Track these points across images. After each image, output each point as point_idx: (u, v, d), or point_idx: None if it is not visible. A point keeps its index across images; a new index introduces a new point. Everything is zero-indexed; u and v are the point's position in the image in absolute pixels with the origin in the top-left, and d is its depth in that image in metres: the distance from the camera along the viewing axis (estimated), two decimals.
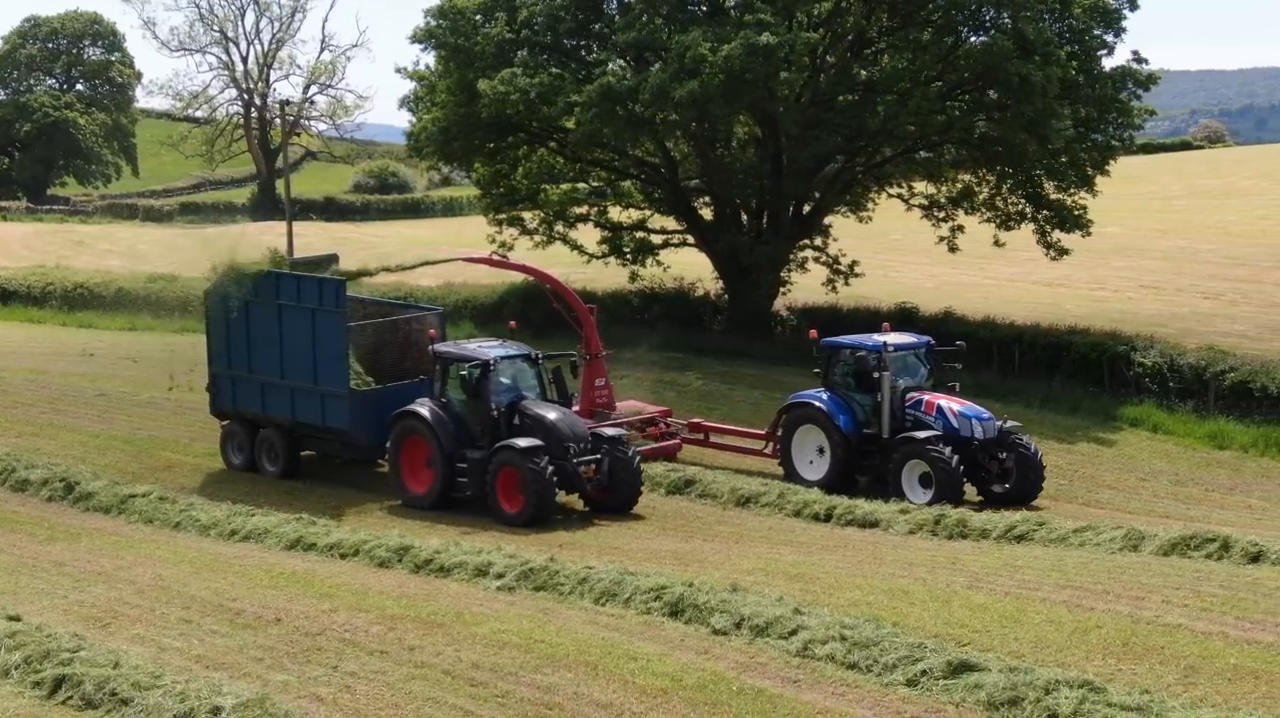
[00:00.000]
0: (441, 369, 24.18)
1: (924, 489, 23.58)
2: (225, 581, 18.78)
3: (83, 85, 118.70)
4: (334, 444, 26.23)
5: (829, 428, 24.97)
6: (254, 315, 26.41)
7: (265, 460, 26.68)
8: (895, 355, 24.80)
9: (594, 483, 23.28)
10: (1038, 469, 24.16)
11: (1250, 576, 17.14)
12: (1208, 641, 14.72)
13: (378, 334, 26.94)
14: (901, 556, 19.45)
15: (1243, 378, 29.11)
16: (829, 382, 25.56)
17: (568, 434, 23.17)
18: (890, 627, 15.41)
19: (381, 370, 26.43)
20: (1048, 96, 30.89)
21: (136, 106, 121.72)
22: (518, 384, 24.23)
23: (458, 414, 23.93)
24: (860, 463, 24.93)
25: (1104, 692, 13.11)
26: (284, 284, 26.14)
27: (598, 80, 32.18)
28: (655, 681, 14.37)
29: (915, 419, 24.41)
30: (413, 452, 24.25)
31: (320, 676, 14.82)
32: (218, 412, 27.63)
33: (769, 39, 30.38)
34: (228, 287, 26.63)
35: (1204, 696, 13.33)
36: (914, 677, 14.04)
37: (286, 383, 26.00)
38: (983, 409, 24.82)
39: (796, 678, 14.40)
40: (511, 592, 17.98)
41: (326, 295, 25.45)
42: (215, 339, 27.32)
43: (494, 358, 23.78)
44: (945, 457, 23.34)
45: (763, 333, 37.60)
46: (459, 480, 23.60)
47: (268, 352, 26.19)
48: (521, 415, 23.52)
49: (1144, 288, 49.10)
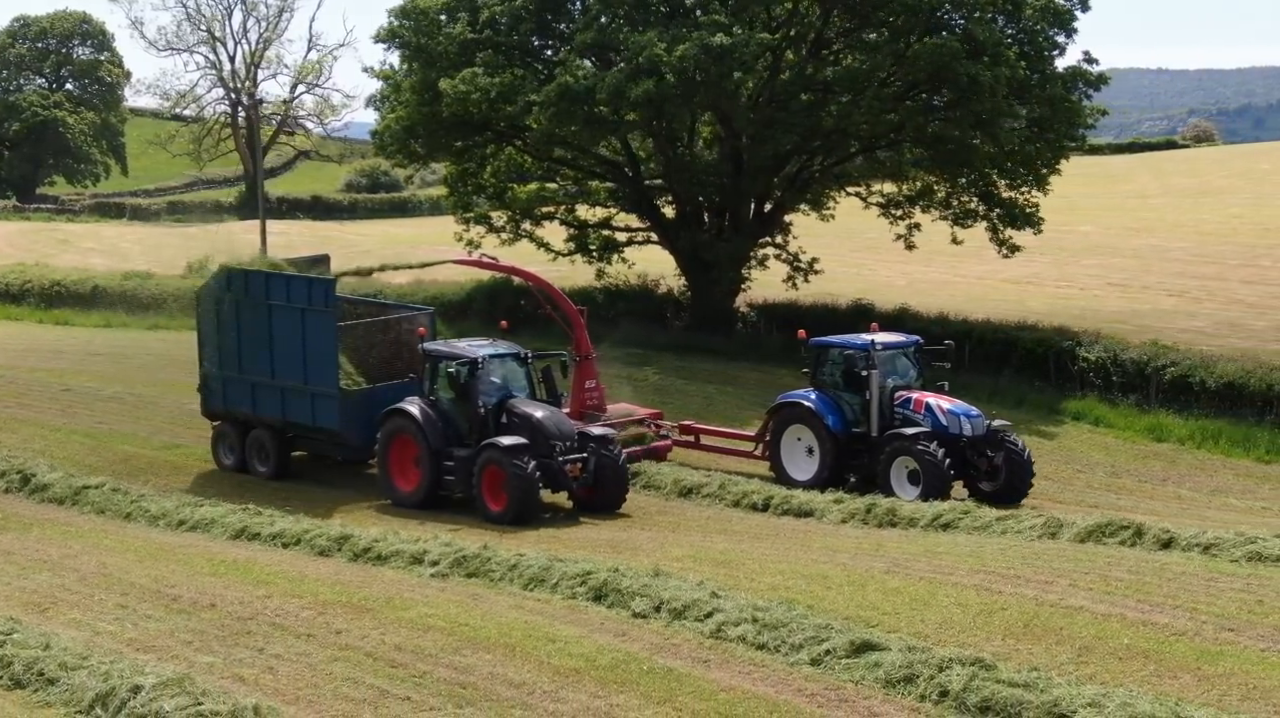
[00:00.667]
0: (431, 368, 24.21)
1: (913, 486, 23.57)
2: (166, 568, 19.21)
3: (72, 85, 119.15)
4: (325, 445, 26.25)
5: (818, 428, 24.93)
6: (244, 316, 26.42)
7: (256, 461, 26.67)
8: (884, 354, 24.79)
9: (580, 482, 23.21)
10: (1026, 468, 24.12)
11: (1159, 561, 17.61)
12: (1105, 622, 15.17)
13: (369, 334, 26.91)
14: (829, 543, 19.91)
15: (1183, 372, 29.63)
16: (818, 381, 25.57)
17: (554, 433, 23.12)
18: (804, 609, 15.84)
19: (373, 371, 26.39)
20: (997, 96, 31.38)
21: (126, 106, 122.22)
22: (507, 383, 24.24)
23: (446, 413, 23.94)
24: (849, 462, 24.88)
25: (994, 669, 13.56)
26: (274, 284, 26.17)
27: (556, 80, 32.61)
28: (570, 661, 14.80)
29: (904, 418, 24.42)
30: (401, 450, 24.25)
31: (246, 658, 15.25)
32: (209, 413, 27.60)
33: (723, 40, 30.85)
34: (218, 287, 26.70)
35: (1093, 673, 13.77)
36: (818, 656, 14.49)
37: (277, 383, 26.03)
38: (972, 407, 24.87)
39: (707, 658, 14.84)
40: (445, 578, 18.43)
41: (316, 295, 25.46)
42: (206, 340, 27.33)
43: (482, 356, 23.76)
44: (933, 453, 23.34)
45: (723, 329, 38.08)
46: (446, 479, 23.62)
47: (258, 352, 26.21)
48: (509, 414, 23.52)
49: (1111, 285, 49.56)
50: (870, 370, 24.58)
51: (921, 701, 13.40)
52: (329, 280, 26.24)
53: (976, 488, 24.27)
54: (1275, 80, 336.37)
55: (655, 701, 13.74)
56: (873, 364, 24.58)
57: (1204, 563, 17.41)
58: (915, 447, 23.57)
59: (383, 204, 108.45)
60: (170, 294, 48.15)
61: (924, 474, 23.38)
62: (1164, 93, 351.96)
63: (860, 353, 24.88)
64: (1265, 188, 72.53)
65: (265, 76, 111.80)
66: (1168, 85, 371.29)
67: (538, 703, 13.76)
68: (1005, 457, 24.06)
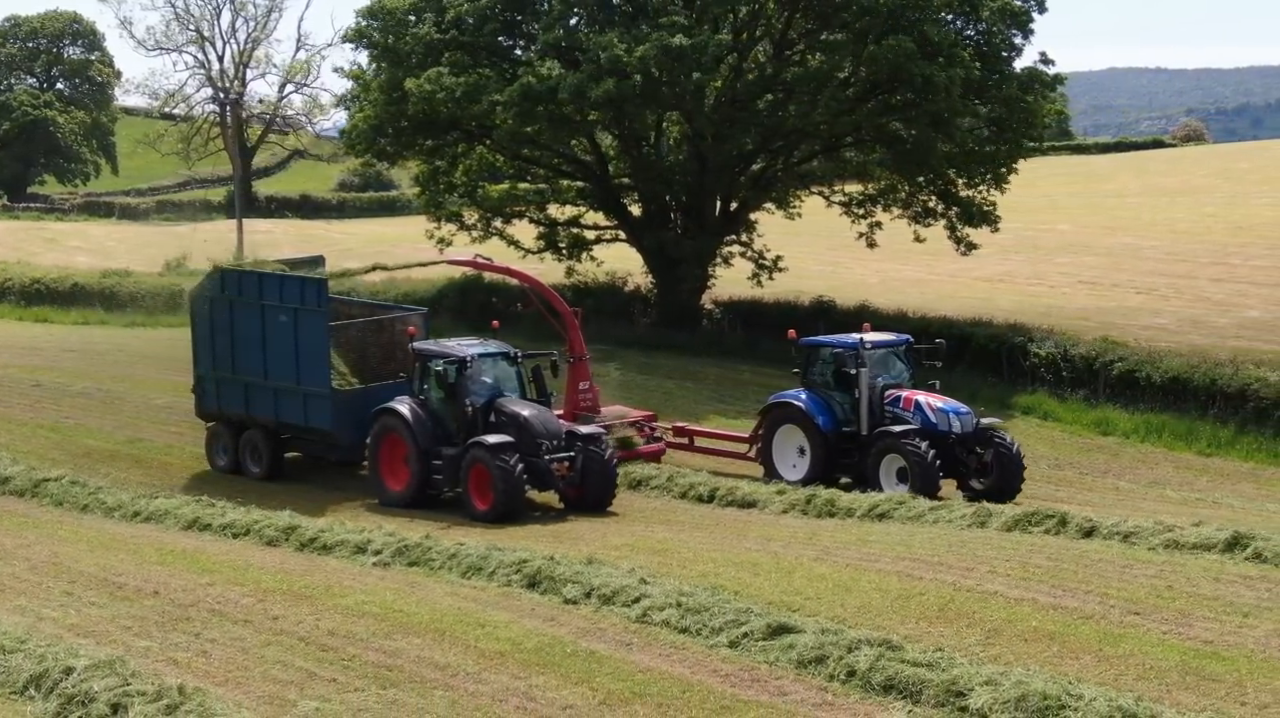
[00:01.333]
0: (420, 367, 24.20)
1: (902, 484, 23.45)
2: (116, 558, 19.63)
3: (63, 84, 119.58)
4: (318, 445, 26.26)
5: (809, 427, 24.84)
6: (237, 316, 26.44)
7: (249, 462, 26.64)
8: (873, 353, 24.75)
9: (567, 481, 23.10)
10: (1017, 465, 24.12)
11: (1080, 549, 18.04)
12: (1017, 606, 15.60)
13: (364, 335, 26.91)
14: (766, 532, 20.34)
15: (1130, 367, 30.10)
16: (808, 381, 25.51)
17: (540, 431, 23.04)
18: (730, 595, 16.27)
19: (369, 371, 26.40)
20: (951, 96, 31.82)
21: (117, 105, 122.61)
22: (496, 382, 24.17)
23: (436, 412, 23.92)
24: (840, 461, 24.81)
25: (900, 650, 14.00)
26: (267, 284, 26.19)
27: (519, 80, 33.05)
28: (496, 645, 15.22)
29: (894, 416, 24.34)
30: (392, 450, 24.20)
31: (182, 642, 15.65)
32: (203, 414, 27.59)
33: (682, 41, 31.29)
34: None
35: (998, 654, 14.20)
36: (736, 639, 14.91)
37: (270, 383, 26.01)
38: (961, 405, 24.87)
39: (630, 642, 15.26)
40: (386, 567, 18.87)
41: (308, 295, 25.48)
42: (200, 341, 27.29)
43: (471, 356, 23.75)
44: (920, 450, 23.28)
45: (689, 326, 38.54)
46: (434, 478, 23.57)
47: (251, 352, 26.21)
48: (497, 413, 23.48)
49: (1081, 283, 49.99)
50: (859, 369, 24.50)
51: (830, 680, 13.82)
52: (321, 280, 26.19)
53: (967, 486, 24.24)
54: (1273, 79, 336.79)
55: (573, 681, 14.15)
56: (862, 363, 24.51)
57: (1122, 550, 17.86)
58: (903, 444, 23.51)
59: (371, 203, 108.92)
60: (148, 292, 48.59)
61: (912, 471, 23.29)
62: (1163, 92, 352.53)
63: (849, 352, 24.84)
64: (1241, 187, 72.97)
65: (254, 76, 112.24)
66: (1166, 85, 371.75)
67: (460, 684, 14.17)
68: (995, 454, 24.03)
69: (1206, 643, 14.21)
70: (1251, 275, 48.87)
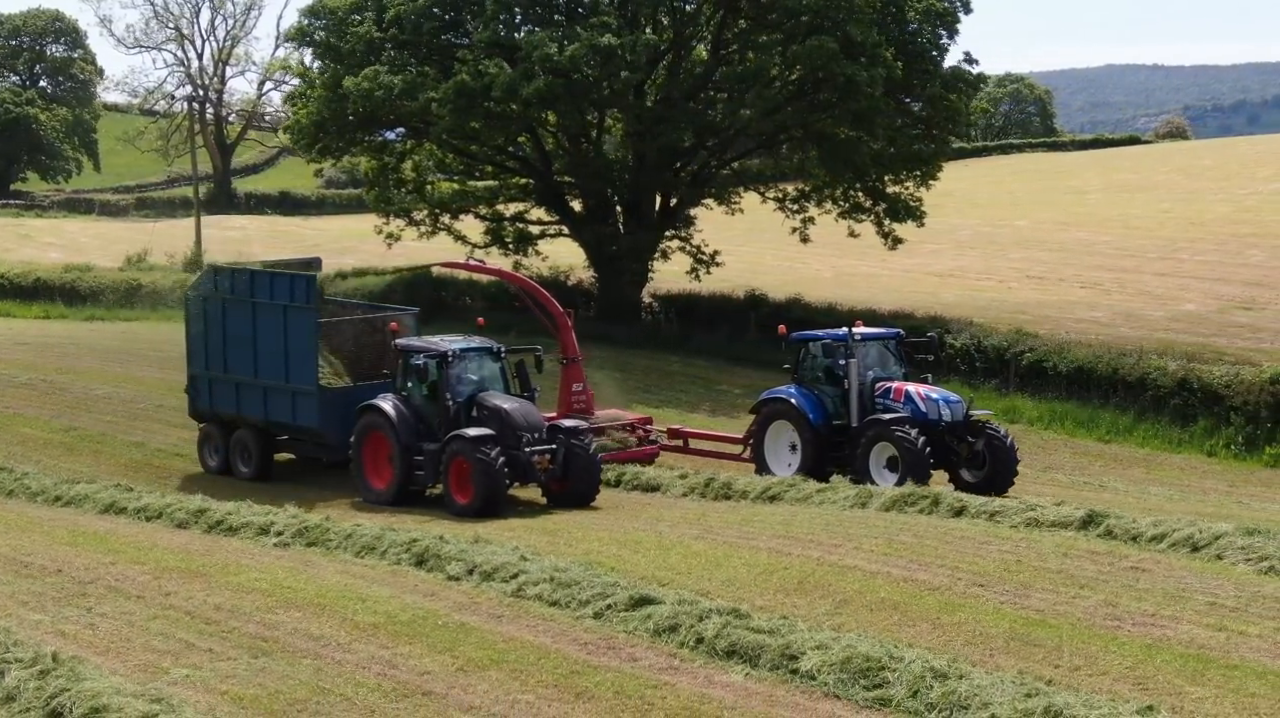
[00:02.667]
0: (403, 363, 24.13)
1: (892, 473, 23.23)
2: (29, 539, 20.26)
3: (45, 82, 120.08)
4: (308, 445, 26.31)
5: (800, 422, 24.71)
6: (229, 315, 26.59)
7: (239, 462, 26.69)
8: (862, 345, 24.70)
9: (549, 474, 22.93)
10: (1010, 456, 23.93)
11: (947, 527, 18.75)
12: (871, 579, 16.29)
13: (357, 334, 26.99)
14: (659, 514, 21.03)
15: (1039, 358, 30.88)
16: (799, 376, 25.50)
17: (521, 424, 22.88)
18: (606, 571, 16.95)
19: (362, 372, 26.38)
20: (873, 95, 32.55)
21: (99, 103, 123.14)
22: (479, 378, 24.05)
23: (418, 408, 23.88)
24: (832, 454, 24.65)
25: (747, 618, 14.67)
26: (258, 282, 26.32)
27: (454, 78, 33.75)
28: (371, 617, 15.87)
29: (885, 408, 24.18)
30: (375, 447, 24.11)
31: (73, 616, 16.26)
32: (196, 414, 27.70)
33: (610, 40, 32.00)
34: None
35: (842, 623, 14.87)
36: (600, 611, 15.59)
37: (259, 382, 26.10)
38: (952, 394, 24.89)
39: (501, 614, 15.93)
40: (286, 548, 19.53)
41: (298, 292, 25.57)
42: (193, 340, 27.39)
43: (451, 351, 23.62)
44: (910, 438, 23.04)
45: (628, 319, 39.26)
46: (416, 474, 23.51)
47: (242, 351, 26.33)
48: (479, 408, 23.38)
49: (1030, 278, 50.77)
50: (849, 360, 24.39)
51: (681, 647, 14.47)
52: (310, 277, 26.26)
53: (958, 477, 24.05)
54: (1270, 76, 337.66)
55: (438, 650, 14.79)
56: (850, 355, 24.42)
57: (985, 528, 18.57)
58: (893, 431, 23.29)
59: (350, 200, 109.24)
60: (107, 286, 49.21)
61: (903, 459, 23.08)
62: (1160, 89, 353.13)
63: (838, 344, 24.80)
64: (1200, 184, 73.75)
65: (233, 73, 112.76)
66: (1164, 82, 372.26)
67: (328, 653, 14.81)
68: (988, 446, 23.89)
69: (1038, 612, 14.89)
70: (1196, 270, 49.68)
